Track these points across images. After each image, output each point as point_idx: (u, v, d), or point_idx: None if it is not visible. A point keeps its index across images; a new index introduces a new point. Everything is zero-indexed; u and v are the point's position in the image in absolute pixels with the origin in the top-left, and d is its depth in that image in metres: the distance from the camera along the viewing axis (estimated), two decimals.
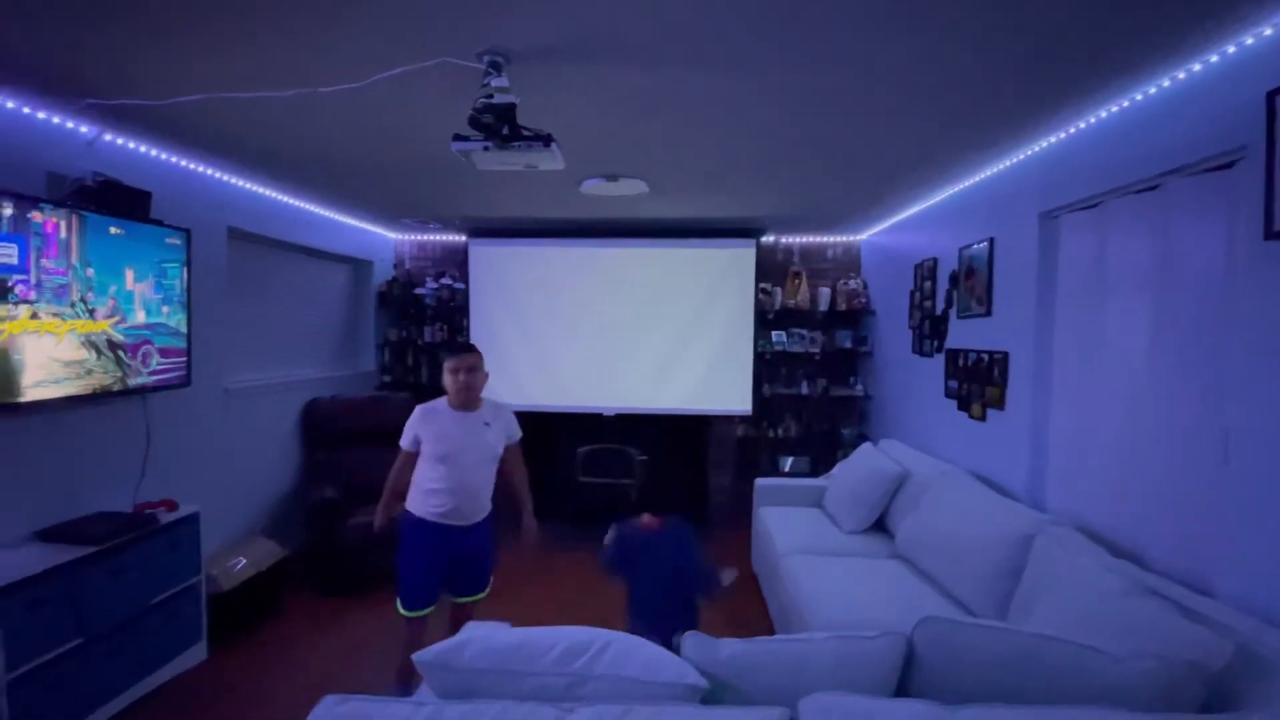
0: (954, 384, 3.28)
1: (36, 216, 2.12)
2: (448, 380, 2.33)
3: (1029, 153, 2.61)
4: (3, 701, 1.91)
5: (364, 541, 3.46)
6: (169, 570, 2.58)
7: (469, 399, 2.34)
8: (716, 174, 3.05)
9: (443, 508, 2.30)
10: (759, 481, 3.85)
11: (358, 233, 4.59)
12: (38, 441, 2.30)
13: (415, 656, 1.20)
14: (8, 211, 2.02)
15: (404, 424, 2.40)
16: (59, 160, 2.37)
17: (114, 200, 2.47)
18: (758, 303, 4.48)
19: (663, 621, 1.83)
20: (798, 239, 4.91)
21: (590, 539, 4.14)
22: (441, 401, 2.39)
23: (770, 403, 4.80)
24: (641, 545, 2.10)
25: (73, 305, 2.26)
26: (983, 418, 2.99)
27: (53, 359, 2.19)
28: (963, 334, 3.21)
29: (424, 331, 5.00)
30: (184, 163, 2.94)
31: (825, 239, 4.91)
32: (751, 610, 3.21)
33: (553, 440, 4.67)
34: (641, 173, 3.03)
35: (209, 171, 3.10)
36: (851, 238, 4.89)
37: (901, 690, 1.22)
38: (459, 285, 4.91)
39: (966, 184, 3.19)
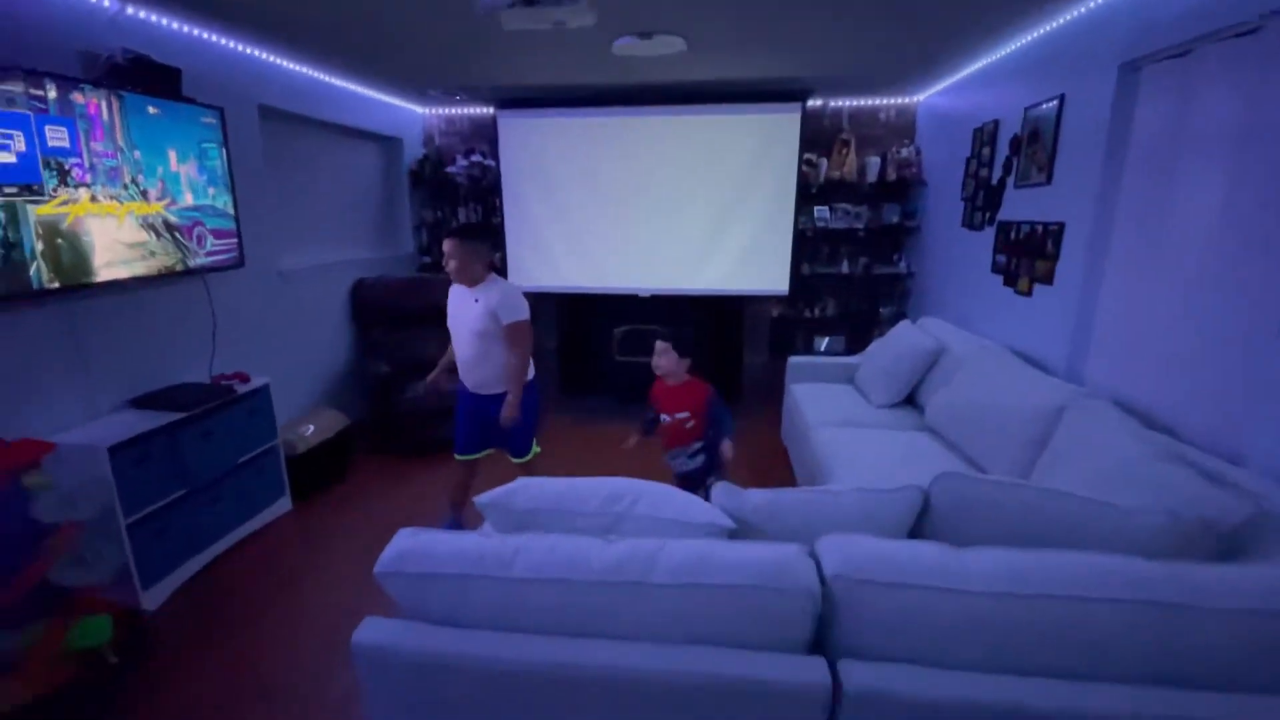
0: (1002, 258, 3.15)
1: (79, 98, 2.13)
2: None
3: None
4: (125, 540, 2.25)
5: (418, 410, 3.74)
6: (249, 434, 2.86)
7: (458, 279, 2.51)
8: (760, 25, 2.78)
9: (460, 374, 2.62)
10: (792, 359, 3.89)
11: (386, 108, 4.46)
12: (119, 319, 2.49)
13: (477, 499, 1.35)
14: (52, 94, 2.04)
15: (445, 306, 2.60)
16: (88, 38, 2.34)
17: (146, 78, 2.46)
18: (801, 175, 4.25)
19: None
20: (847, 102, 4.55)
21: (626, 413, 4.37)
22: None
23: (809, 282, 4.73)
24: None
25: (125, 187, 2.33)
26: (1028, 293, 2.91)
27: (117, 241, 2.31)
28: (1018, 204, 3.04)
29: (458, 213, 4.99)
30: (209, 36, 2.85)
31: (878, 101, 4.53)
32: (779, 481, 3.39)
33: (590, 320, 4.77)
34: (678, 28, 2.80)
35: (235, 46, 3.01)
36: (907, 99, 4.50)
37: (914, 538, 1.32)
38: (489, 162, 4.80)
39: (1038, 33, 2.86)
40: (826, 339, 4.89)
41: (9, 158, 1.94)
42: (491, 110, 4.59)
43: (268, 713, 1.91)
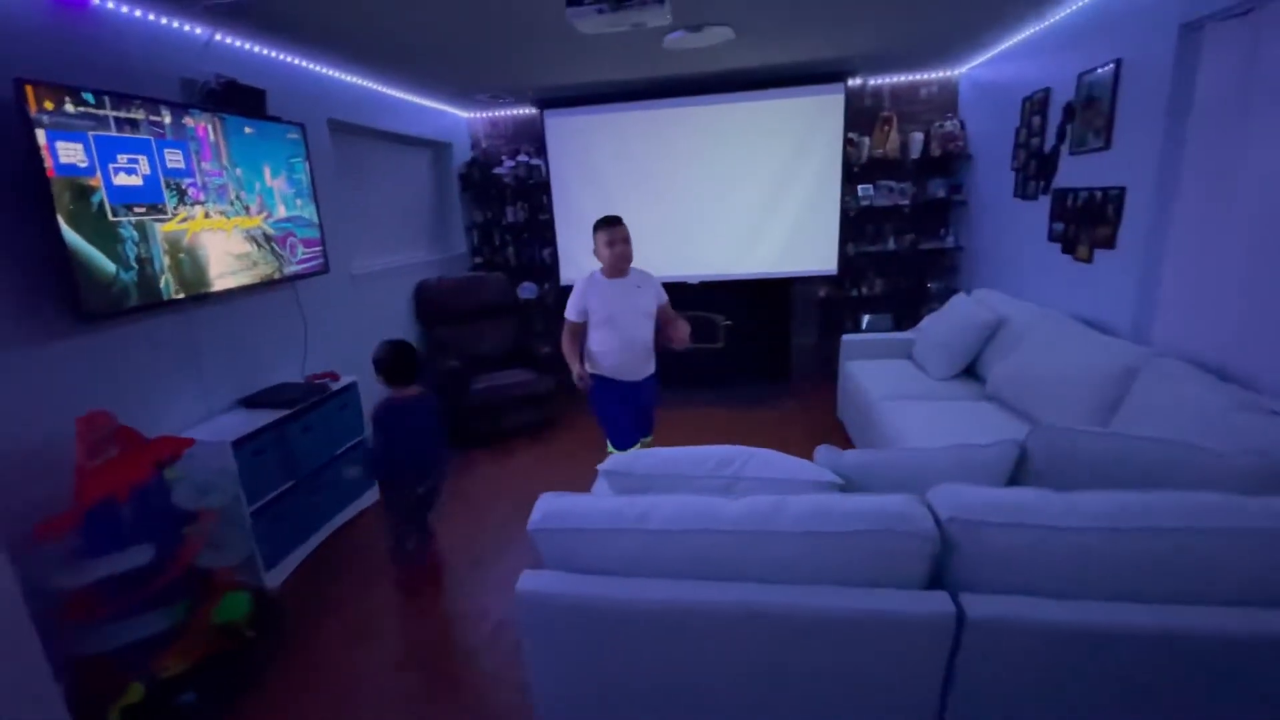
0: (1059, 226, 3.17)
1: (189, 122, 2.33)
2: (603, 251, 2.55)
3: None
4: (249, 527, 2.45)
5: (488, 404, 3.92)
6: (342, 429, 3.06)
7: (624, 267, 2.59)
8: (807, 7, 2.84)
9: (612, 365, 2.63)
10: (845, 337, 3.96)
11: (435, 114, 4.64)
12: (226, 325, 2.71)
13: (600, 465, 1.48)
14: (167, 119, 2.24)
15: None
16: (186, 65, 2.54)
17: (236, 100, 2.65)
18: (844, 155, 4.30)
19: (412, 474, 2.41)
20: (888, 79, 4.56)
21: (677, 398, 4.48)
22: (596, 273, 2.63)
23: (854, 261, 4.77)
24: (400, 410, 2.38)
25: (231, 203, 2.53)
26: (1089, 259, 2.92)
27: (226, 253, 2.51)
28: (1074, 171, 3.05)
29: (505, 212, 5.16)
30: (284, 56, 3.04)
31: (919, 77, 4.54)
32: None
33: None
34: (728, 18, 2.89)
35: (306, 64, 3.20)
36: (949, 73, 4.49)
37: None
38: (535, 161, 4.95)
39: None
40: (868, 317, 4.92)
41: (136, 181, 2.14)
42: (533, 110, 4.72)
43: (390, 673, 2.09)
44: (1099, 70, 2.79)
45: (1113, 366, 2.27)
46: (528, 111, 4.97)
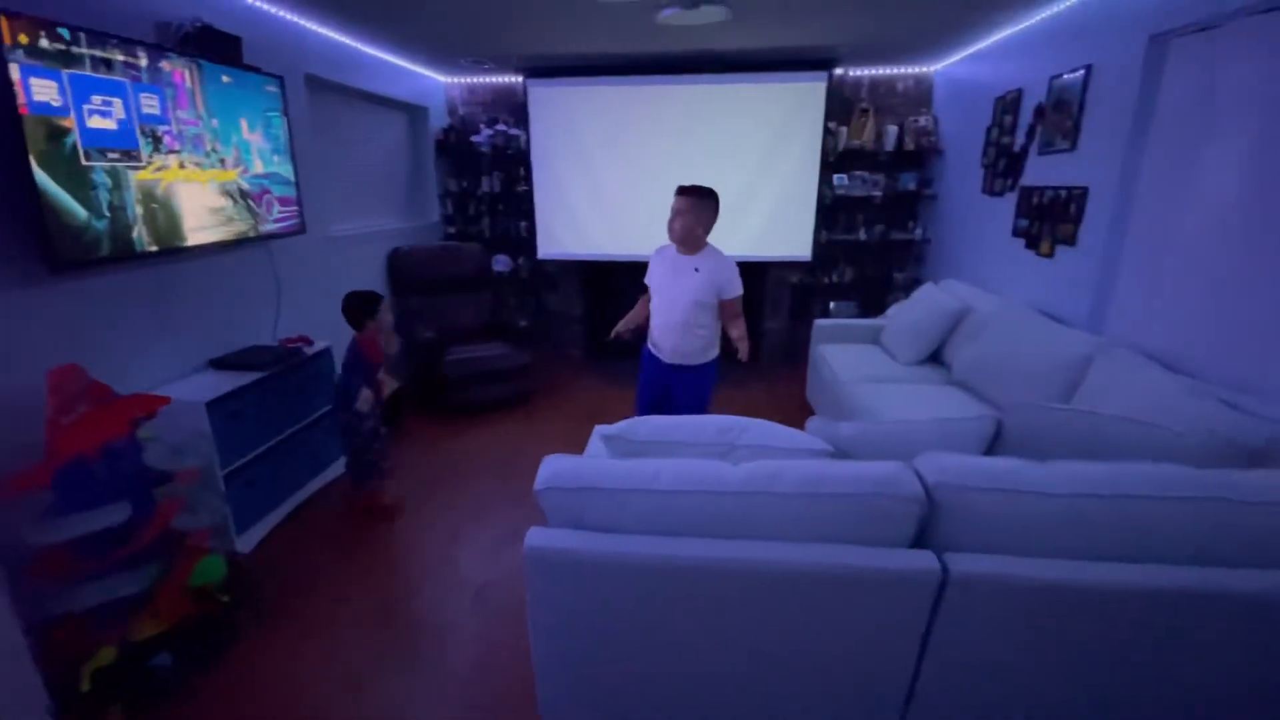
0: (1024, 222, 3.33)
1: (166, 66, 2.22)
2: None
3: None
4: (223, 491, 2.40)
5: (462, 375, 3.89)
6: (315, 395, 3.00)
7: (684, 241, 2.39)
8: None
9: (653, 338, 2.58)
10: (817, 322, 4.08)
11: (412, 76, 4.50)
12: (198, 283, 2.61)
13: (600, 428, 1.52)
14: (144, 62, 2.13)
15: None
16: (162, 7, 2.40)
17: (212, 46, 2.53)
18: (822, 144, 4.39)
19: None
20: (867, 72, 4.66)
21: None
22: (669, 243, 2.50)
23: (827, 249, 4.89)
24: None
25: (207, 155, 2.43)
26: (1051, 254, 3.09)
27: (202, 206, 2.41)
28: (1041, 170, 3.21)
29: (481, 181, 5.07)
30: (263, 5, 2.91)
31: (897, 71, 4.65)
32: None
33: (617, 287, 4.91)
34: None
35: (285, 14, 3.07)
36: (925, 69, 4.62)
37: None
38: (514, 132, 4.87)
39: (1066, 4, 2.99)
40: (833, 304, 5.07)
41: (110, 125, 2.04)
42: (515, 79, 4.64)
43: (367, 637, 2.10)
44: (1070, 75, 2.93)
45: (1070, 354, 2.43)
46: (507, 80, 4.88)
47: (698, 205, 2.33)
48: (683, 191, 2.34)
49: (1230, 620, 1.18)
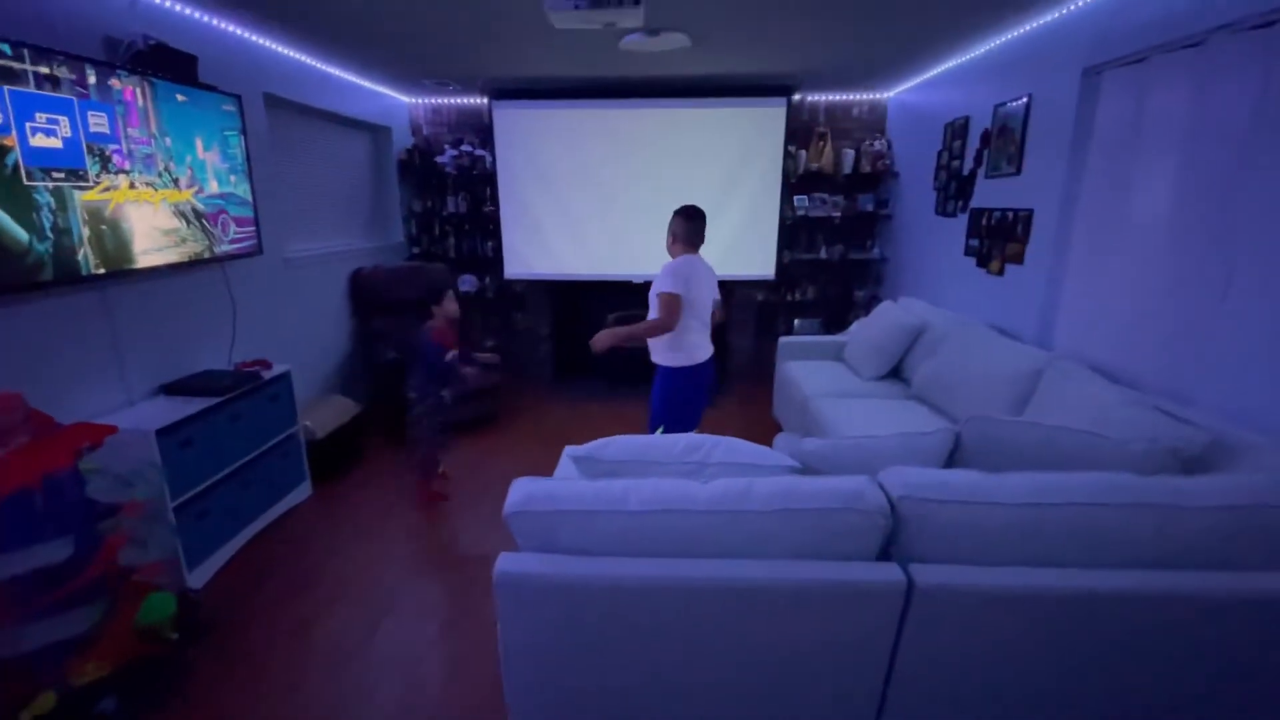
0: (975, 242, 3.48)
1: (116, 84, 2.16)
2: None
3: (1077, 4, 2.61)
4: (172, 522, 2.30)
5: None
6: (274, 420, 2.91)
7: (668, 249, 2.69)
8: (760, 23, 2.95)
9: (701, 351, 2.66)
10: (782, 339, 4.16)
11: (375, 96, 4.48)
12: (151, 305, 2.51)
13: (568, 449, 1.51)
14: (92, 79, 2.07)
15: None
16: (110, 23, 2.35)
17: (166, 64, 2.47)
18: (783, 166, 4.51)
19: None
20: (824, 97, 4.83)
21: (619, 393, 4.56)
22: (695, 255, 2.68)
23: (789, 268, 5.00)
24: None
25: (160, 175, 2.36)
26: (1000, 273, 3.23)
27: (153, 227, 2.34)
28: (989, 193, 3.36)
29: (447, 202, 5.04)
30: (219, 23, 2.86)
31: (852, 97, 4.83)
32: None
33: (584, 306, 4.92)
34: (684, 24, 2.97)
35: (242, 33, 3.02)
36: (880, 95, 4.81)
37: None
38: (479, 152, 4.87)
39: (1007, 37, 3.17)
40: (797, 321, 5.18)
41: (55, 143, 1.97)
42: (480, 100, 4.65)
43: (328, 674, 2.02)
44: (1012, 103, 3.10)
45: (1021, 368, 2.54)
46: (472, 101, 4.89)
47: (671, 220, 2.70)
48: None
49: (1180, 620, 1.24)
